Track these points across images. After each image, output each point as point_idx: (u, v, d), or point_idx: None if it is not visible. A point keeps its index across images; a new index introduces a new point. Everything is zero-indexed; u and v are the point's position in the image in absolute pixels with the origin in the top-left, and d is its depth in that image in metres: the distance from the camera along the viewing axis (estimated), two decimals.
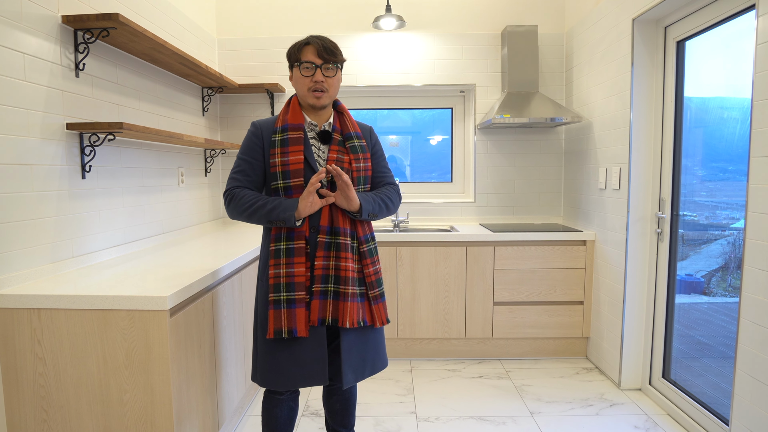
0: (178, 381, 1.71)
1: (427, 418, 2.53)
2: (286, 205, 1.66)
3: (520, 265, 3.21)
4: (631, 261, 2.73)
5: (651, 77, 2.64)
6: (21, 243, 1.74)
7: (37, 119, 1.82)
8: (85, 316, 1.62)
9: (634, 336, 2.78)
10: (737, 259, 2.28)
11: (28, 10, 1.79)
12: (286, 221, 1.65)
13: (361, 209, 1.71)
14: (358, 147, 1.79)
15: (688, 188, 2.53)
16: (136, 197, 2.50)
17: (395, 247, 3.20)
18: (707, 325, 2.47)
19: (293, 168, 1.70)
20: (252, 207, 1.69)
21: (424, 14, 3.62)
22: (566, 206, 3.66)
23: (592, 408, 2.63)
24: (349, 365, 1.75)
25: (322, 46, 1.69)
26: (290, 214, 1.64)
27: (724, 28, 2.25)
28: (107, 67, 2.26)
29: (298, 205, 1.65)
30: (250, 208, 1.69)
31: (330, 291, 1.71)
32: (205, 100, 3.38)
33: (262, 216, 1.68)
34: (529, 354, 3.34)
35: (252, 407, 2.64)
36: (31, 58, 1.79)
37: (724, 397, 2.27)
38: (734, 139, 2.25)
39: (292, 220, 1.65)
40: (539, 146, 3.70)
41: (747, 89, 2.09)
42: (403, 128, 3.96)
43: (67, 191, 1.99)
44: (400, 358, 3.33)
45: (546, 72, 3.63)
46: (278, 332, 1.67)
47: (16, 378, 1.66)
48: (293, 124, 1.73)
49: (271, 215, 1.66)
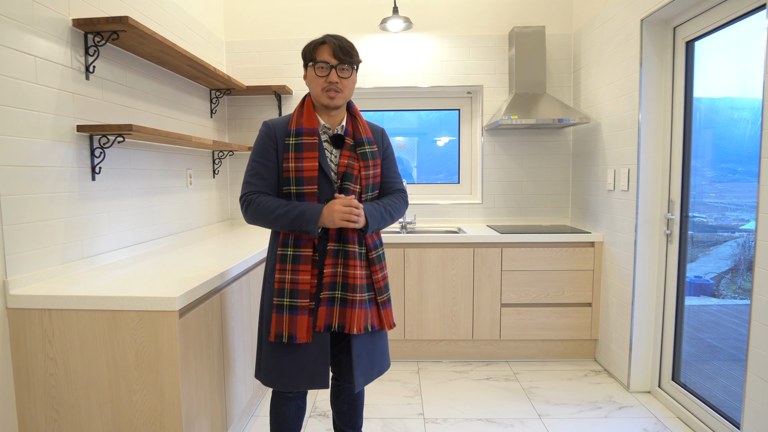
0: (187, 381, 1.72)
1: (435, 420, 2.53)
2: (309, 216, 1.63)
3: (528, 266, 3.20)
4: (640, 263, 2.72)
5: (660, 78, 2.63)
6: (32, 244, 1.76)
7: (48, 121, 1.83)
8: (96, 317, 1.63)
9: (643, 338, 2.77)
10: (747, 261, 2.26)
11: (40, 14, 1.80)
12: (309, 233, 1.64)
13: (367, 226, 1.71)
14: (368, 153, 1.77)
15: (698, 189, 2.51)
16: (145, 199, 2.52)
17: (402, 249, 3.20)
18: (717, 327, 2.44)
19: (307, 175, 1.68)
20: (273, 214, 1.66)
21: (431, 16, 3.62)
22: (574, 208, 3.64)
23: (601, 411, 2.61)
24: (360, 369, 1.75)
25: (338, 46, 1.65)
26: (313, 227, 1.63)
27: (733, 28, 2.23)
28: (117, 70, 2.27)
29: (324, 220, 1.63)
30: (271, 215, 1.66)
31: (337, 298, 1.71)
32: (213, 102, 3.39)
33: (285, 224, 1.66)
34: (537, 356, 3.32)
35: (260, 408, 2.64)
36: (42, 61, 1.81)
37: (735, 401, 2.25)
38: (744, 140, 2.23)
39: (315, 232, 1.64)
40: (547, 147, 3.68)
41: (757, 89, 2.07)
42: (409, 129, 3.96)
43: (77, 193, 2.00)
44: (407, 359, 3.33)
45: (554, 73, 3.62)
46: (279, 336, 1.69)
47: (27, 378, 1.67)
48: (308, 129, 1.70)
49: (293, 225, 1.64)
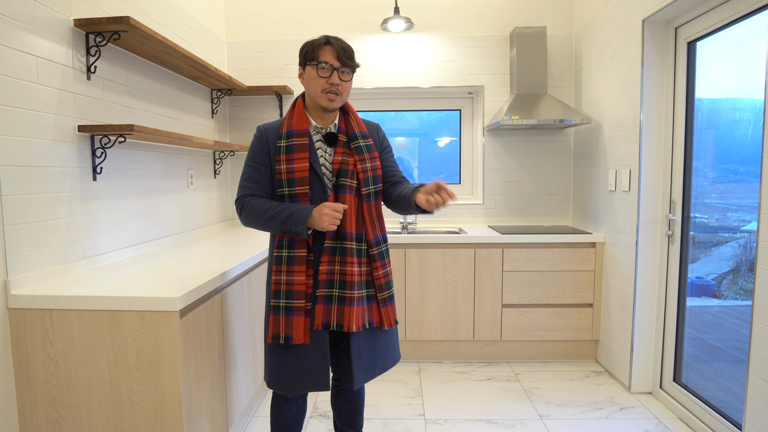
0: (188, 382, 1.72)
1: (436, 421, 2.52)
2: (298, 218, 1.62)
3: (529, 267, 3.20)
4: (642, 263, 2.71)
5: (661, 78, 2.63)
6: (33, 244, 1.76)
7: (49, 121, 1.84)
8: (97, 317, 1.63)
9: (645, 339, 2.76)
10: (748, 262, 2.25)
11: (41, 14, 1.80)
12: (298, 234, 1.64)
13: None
14: (363, 147, 1.76)
15: (699, 190, 2.50)
16: (146, 199, 2.52)
17: (403, 249, 3.20)
18: (718, 328, 2.44)
19: (298, 176, 1.68)
20: (264, 216, 1.67)
21: (433, 16, 3.62)
22: (575, 208, 3.64)
23: (602, 411, 2.61)
24: (360, 366, 1.75)
25: (342, 48, 1.66)
26: (302, 228, 1.62)
27: (735, 29, 2.23)
28: (118, 70, 2.27)
29: (314, 221, 1.63)
30: (263, 217, 1.67)
31: (334, 296, 1.71)
32: (214, 102, 3.39)
33: (276, 226, 1.66)
34: (538, 357, 3.32)
35: (261, 408, 2.64)
36: (44, 61, 1.81)
37: (737, 402, 2.24)
38: (746, 141, 2.23)
39: (304, 233, 1.63)
40: (548, 148, 3.68)
41: (759, 90, 2.07)
42: (410, 130, 3.96)
43: (78, 193, 2.00)
44: (408, 360, 3.32)
45: (555, 73, 3.62)
46: (276, 338, 1.69)
47: (28, 378, 1.67)
48: (298, 130, 1.70)
49: (283, 227, 1.65)
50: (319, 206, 1.63)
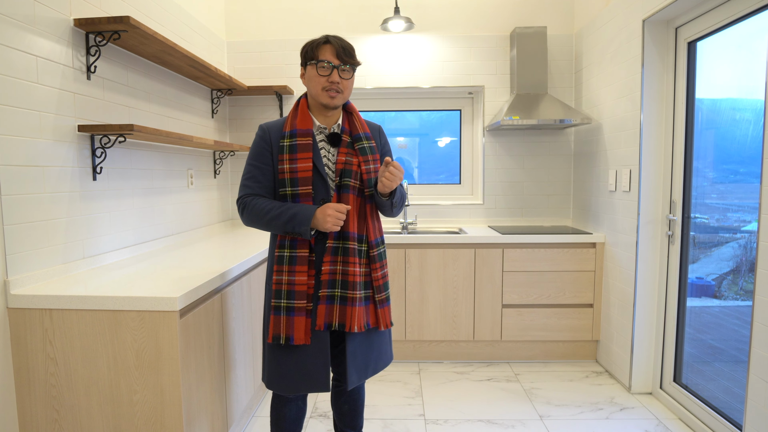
0: (188, 382, 1.72)
1: (436, 421, 2.52)
2: (301, 219, 1.62)
3: (529, 267, 3.19)
4: (642, 263, 2.71)
5: (662, 78, 2.62)
6: (33, 244, 1.76)
7: (49, 121, 1.83)
8: (96, 317, 1.63)
9: (645, 339, 2.76)
10: (749, 262, 2.25)
11: (41, 14, 1.80)
12: (302, 234, 1.64)
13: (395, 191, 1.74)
14: (367, 148, 1.76)
15: (699, 190, 2.50)
16: (146, 199, 2.52)
17: (403, 249, 3.20)
18: (719, 328, 2.44)
19: (301, 176, 1.67)
20: (267, 216, 1.67)
21: (433, 16, 3.62)
22: (575, 208, 3.64)
23: (602, 412, 2.61)
24: (354, 367, 1.75)
25: (341, 46, 1.66)
26: (305, 228, 1.62)
27: (735, 29, 2.23)
28: (118, 70, 2.27)
29: (317, 222, 1.63)
30: (265, 217, 1.67)
31: (337, 296, 1.71)
32: (214, 102, 3.39)
33: (278, 226, 1.66)
34: (538, 357, 3.32)
35: (261, 408, 2.64)
36: (44, 61, 1.81)
37: (737, 402, 2.24)
38: (746, 141, 2.23)
39: (307, 234, 1.63)
40: (548, 148, 3.68)
41: (760, 90, 2.07)
42: (410, 130, 3.96)
43: (78, 193, 2.00)
44: (408, 360, 3.32)
45: (555, 73, 3.62)
46: (276, 338, 1.69)
47: (27, 377, 1.67)
48: (302, 130, 1.70)
49: (286, 227, 1.64)
50: (322, 207, 1.63)
